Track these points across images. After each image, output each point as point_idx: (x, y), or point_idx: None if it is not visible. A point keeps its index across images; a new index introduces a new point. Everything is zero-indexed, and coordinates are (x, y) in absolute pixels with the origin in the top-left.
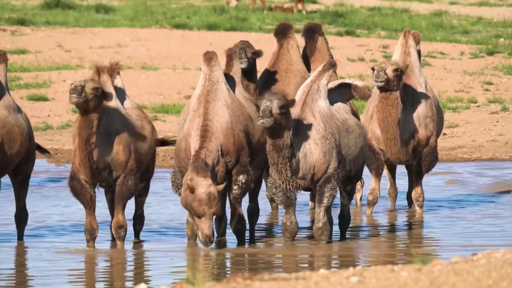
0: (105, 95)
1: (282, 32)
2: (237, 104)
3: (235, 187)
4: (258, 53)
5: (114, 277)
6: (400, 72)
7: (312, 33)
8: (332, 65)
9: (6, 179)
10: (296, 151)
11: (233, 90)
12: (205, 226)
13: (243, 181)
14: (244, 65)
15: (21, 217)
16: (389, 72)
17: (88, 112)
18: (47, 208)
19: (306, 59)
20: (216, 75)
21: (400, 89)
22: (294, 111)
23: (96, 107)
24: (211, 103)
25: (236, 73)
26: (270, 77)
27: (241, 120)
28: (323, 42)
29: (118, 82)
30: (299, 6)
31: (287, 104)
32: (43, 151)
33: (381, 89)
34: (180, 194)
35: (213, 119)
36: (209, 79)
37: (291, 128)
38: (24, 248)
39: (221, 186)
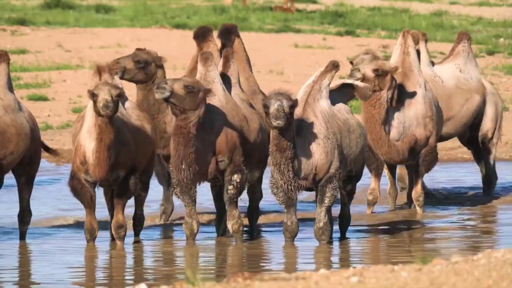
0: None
1: (202, 36)
2: (232, 104)
3: (230, 187)
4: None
5: (114, 277)
6: (380, 73)
7: (228, 34)
8: (334, 66)
9: (11, 179)
10: (298, 151)
11: (230, 91)
12: None
13: (238, 181)
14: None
15: (24, 216)
16: (368, 72)
17: (112, 118)
18: (46, 208)
19: None
20: (212, 75)
21: (391, 90)
22: (296, 111)
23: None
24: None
25: (233, 74)
26: None
27: (235, 120)
28: (239, 43)
29: (116, 82)
30: (289, 4)
31: (294, 104)
32: (51, 150)
33: None
34: (176, 194)
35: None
36: (204, 78)
37: (294, 128)
38: (25, 247)
39: None
